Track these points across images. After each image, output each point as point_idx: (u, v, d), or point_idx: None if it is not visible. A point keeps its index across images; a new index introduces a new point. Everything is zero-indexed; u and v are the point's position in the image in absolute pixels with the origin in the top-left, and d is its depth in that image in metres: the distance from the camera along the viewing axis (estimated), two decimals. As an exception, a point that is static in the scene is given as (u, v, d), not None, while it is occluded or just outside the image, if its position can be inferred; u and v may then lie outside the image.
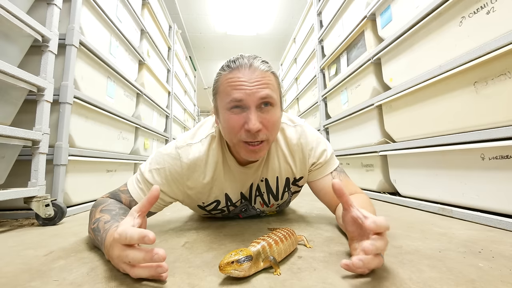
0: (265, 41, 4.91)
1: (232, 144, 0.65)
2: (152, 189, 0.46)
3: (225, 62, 0.64)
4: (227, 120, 0.61)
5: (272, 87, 0.61)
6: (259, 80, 0.59)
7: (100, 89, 1.38)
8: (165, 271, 0.42)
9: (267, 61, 0.64)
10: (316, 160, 0.76)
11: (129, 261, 0.42)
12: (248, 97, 0.58)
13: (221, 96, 0.62)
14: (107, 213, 0.59)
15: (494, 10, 0.80)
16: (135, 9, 1.76)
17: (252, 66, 0.60)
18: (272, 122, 0.62)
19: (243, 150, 0.63)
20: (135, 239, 0.40)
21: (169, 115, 2.69)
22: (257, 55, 0.64)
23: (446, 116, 0.98)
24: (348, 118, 1.73)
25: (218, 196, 0.77)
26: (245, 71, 0.60)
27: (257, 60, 0.62)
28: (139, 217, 0.46)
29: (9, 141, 0.83)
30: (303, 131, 0.76)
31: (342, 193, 0.49)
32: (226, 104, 0.61)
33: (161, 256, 0.39)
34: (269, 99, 0.60)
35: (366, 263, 0.40)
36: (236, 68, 0.60)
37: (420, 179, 1.13)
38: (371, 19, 1.46)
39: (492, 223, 0.79)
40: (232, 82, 0.60)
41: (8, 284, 0.44)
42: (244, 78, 0.59)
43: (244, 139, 0.61)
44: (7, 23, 0.83)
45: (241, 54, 0.64)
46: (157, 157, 0.71)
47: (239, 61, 0.61)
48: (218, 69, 0.65)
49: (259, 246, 0.47)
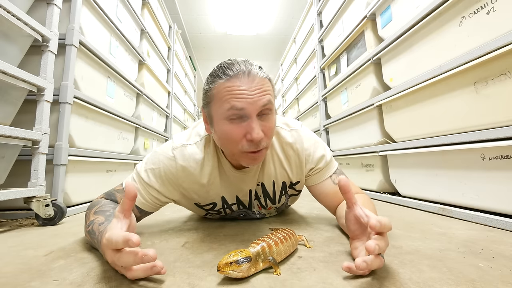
0: (265, 41, 4.91)
1: (231, 154, 0.63)
2: (127, 188, 0.45)
3: (217, 69, 0.60)
4: (226, 131, 0.59)
5: (270, 94, 0.61)
6: (259, 88, 0.58)
7: (100, 89, 1.38)
8: (161, 269, 0.42)
9: (261, 66, 0.63)
10: (315, 165, 0.75)
11: (121, 265, 0.42)
12: (250, 105, 0.57)
13: (218, 105, 0.59)
14: (101, 214, 0.59)
15: (494, 10, 0.80)
16: (135, 9, 1.76)
17: (251, 73, 0.58)
18: (271, 128, 0.62)
19: (244, 159, 0.62)
20: (120, 243, 0.39)
21: (169, 115, 2.69)
22: (249, 60, 0.62)
23: (446, 116, 0.98)
24: (348, 118, 1.73)
25: (215, 199, 0.77)
26: (244, 79, 0.58)
27: (254, 67, 0.60)
28: (124, 217, 0.46)
29: (9, 141, 0.83)
30: (299, 135, 0.75)
31: (347, 190, 0.48)
32: (224, 113, 0.58)
33: (151, 257, 0.39)
34: (268, 106, 0.59)
35: (369, 264, 0.40)
36: (235, 76, 0.57)
37: (420, 179, 1.13)
38: (371, 19, 1.46)
39: (492, 223, 0.79)
40: (232, 90, 0.57)
41: (8, 284, 0.44)
42: (244, 86, 0.57)
43: (246, 149, 0.59)
44: (7, 23, 0.83)
45: (234, 59, 0.61)
46: (153, 157, 0.71)
47: (235, 67, 0.58)
48: (210, 76, 0.62)
49: (258, 247, 0.46)
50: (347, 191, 0.49)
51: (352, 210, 0.50)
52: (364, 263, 0.39)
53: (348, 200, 0.50)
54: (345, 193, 0.49)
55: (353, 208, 0.49)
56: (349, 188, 0.49)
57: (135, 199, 0.46)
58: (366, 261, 0.40)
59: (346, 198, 0.50)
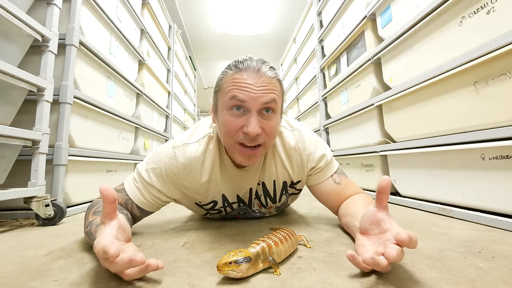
0: (265, 41, 4.91)
1: (228, 145, 0.65)
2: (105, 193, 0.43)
3: (232, 62, 0.63)
4: (226, 120, 0.61)
5: (276, 94, 0.61)
6: (265, 86, 0.59)
7: (100, 89, 1.38)
8: (155, 268, 0.41)
9: (274, 68, 0.64)
10: (315, 164, 0.75)
11: (113, 271, 0.41)
12: (252, 100, 0.58)
13: (223, 94, 0.62)
14: (99, 215, 0.58)
15: (494, 10, 0.80)
16: (135, 9, 1.76)
17: (260, 70, 0.60)
18: (272, 128, 0.62)
19: (238, 154, 0.63)
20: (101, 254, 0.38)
21: (169, 115, 2.69)
22: (265, 60, 0.63)
23: (446, 116, 0.98)
24: (348, 118, 1.73)
25: (215, 197, 0.76)
26: (252, 74, 0.59)
27: (265, 66, 0.61)
28: (111, 220, 0.45)
29: (9, 141, 0.83)
30: (301, 135, 0.75)
31: (386, 192, 0.47)
32: (227, 102, 0.60)
33: (138, 262, 0.38)
34: (271, 105, 0.60)
35: (376, 263, 0.39)
36: (244, 69, 0.60)
37: (420, 179, 1.13)
38: (371, 19, 1.46)
39: (492, 223, 0.79)
40: (237, 82, 0.59)
41: (8, 284, 0.44)
42: (250, 81, 0.59)
43: (241, 140, 0.60)
44: (7, 23, 0.83)
45: (250, 56, 0.63)
46: (154, 156, 0.71)
47: (247, 62, 0.60)
48: (225, 67, 0.64)
49: (258, 247, 0.46)
50: (385, 192, 0.47)
51: (379, 211, 0.48)
52: (373, 260, 0.39)
53: (379, 201, 0.48)
54: (382, 193, 0.47)
55: (381, 211, 0.48)
56: (388, 190, 0.47)
57: (115, 201, 0.44)
58: (375, 259, 0.39)
59: (379, 197, 0.47)
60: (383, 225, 0.46)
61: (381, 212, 0.48)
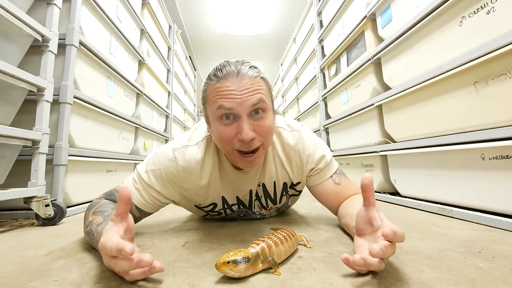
0: (265, 41, 4.91)
1: (227, 153, 0.64)
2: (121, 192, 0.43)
3: (211, 71, 0.62)
4: (219, 131, 0.60)
5: (262, 92, 0.60)
6: (248, 87, 0.58)
7: (100, 89, 1.38)
8: (159, 270, 0.41)
9: (255, 66, 0.63)
10: (315, 165, 0.75)
11: (118, 270, 0.41)
12: (239, 106, 0.57)
13: (210, 105, 0.61)
14: (100, 215, 0.58)
15: (494, 10, 0.80)
16: (135, 9, 1.76)
17: (240, 73, 0.58)
18: (265, 128, 0.61)
19: (239, 161, 0.63)
20: (113, 251, 0.38)
21: (169, 115, 2.69)
22: (244, 60, 0.62)
23: (446, 116, 0.98)
24: (348, 118, 1.73)
25: (215, 199, 0.76)
26: (233, 80, 0.58)
27: (245, 66, 0.60)
28: (121, 220, 0.45)
29: (9, 141, 0.83)
30: (300, 136, 0.75)
31: (369, 189, 0.47)
32: (215, 112, 0.59)
33: (147, 263, 0.38)
34: (260, 106, 0.59)
35: (368, 263, 0.40)
36: (224, 77, 0.58)
37: (420, 179, 1.13)
38: (371, 19, 1.46)
39: (492, 223, 0.79)
40: (220, 91, 0.58)
41: (8, 284, 0.44)
42: (232, 87, 0.57)
43: (238, 148, 0.60)
44: (7, 23, 0.83)
45: (227, 60, 0.62)
46: (154, 158, 0.71)
47: (225, 69, 0.59)
48: (206, 78, 0.63)
49: (258, 247, 0.46)
50: (369, 190, 0.47)
51: (368, 210, 0.48)
52: (362, 260, 0.39)
53: (366, 199, 0.48)
54: (366, 191, 0.48)
55: (370, 209, 0.48)
56: (371, 187, 0.47)
57: (130, 202, 0.45)
58: (365, 259, 0.39)
59: (365, 196, 0.48)
60: (375, 223, 0.46)
61: (370, 210, 0.48)
